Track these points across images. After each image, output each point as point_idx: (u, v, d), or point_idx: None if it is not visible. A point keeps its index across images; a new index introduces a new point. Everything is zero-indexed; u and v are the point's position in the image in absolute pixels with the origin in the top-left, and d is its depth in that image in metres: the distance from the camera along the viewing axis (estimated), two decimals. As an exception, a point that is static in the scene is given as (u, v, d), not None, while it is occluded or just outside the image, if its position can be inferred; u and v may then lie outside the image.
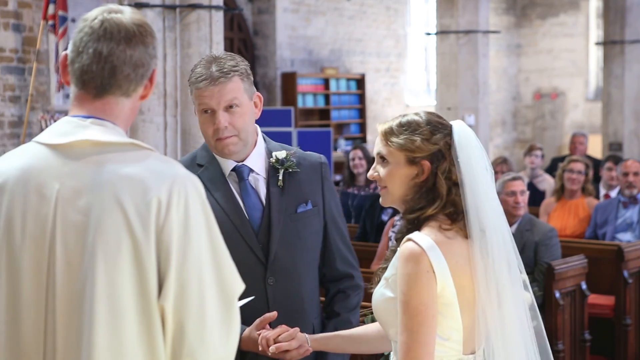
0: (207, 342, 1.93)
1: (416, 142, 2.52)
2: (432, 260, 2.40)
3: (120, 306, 1.91)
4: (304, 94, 13.72)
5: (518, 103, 18.43)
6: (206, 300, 1.94)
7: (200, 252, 1.95)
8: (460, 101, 10.50)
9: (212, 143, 3.00)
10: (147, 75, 2.07)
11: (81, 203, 1.95)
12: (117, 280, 1.91)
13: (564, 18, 17.89)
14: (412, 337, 2.39)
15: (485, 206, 2.50)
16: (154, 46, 2.08)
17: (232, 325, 1.98)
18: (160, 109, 6.09)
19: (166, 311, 1.92)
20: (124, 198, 1.93)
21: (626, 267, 6.40)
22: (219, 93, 2.94)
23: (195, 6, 6.06)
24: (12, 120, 9.30)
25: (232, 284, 2.00)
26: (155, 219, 1.92)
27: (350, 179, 8.49)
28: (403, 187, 2.55)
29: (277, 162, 3.07)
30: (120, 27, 2.02)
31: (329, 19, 14.45)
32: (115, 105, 2.04)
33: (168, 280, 1.91)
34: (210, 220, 2.00)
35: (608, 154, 11.50)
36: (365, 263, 6.40)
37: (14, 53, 9.18)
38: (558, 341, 5.71)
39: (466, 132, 2.55)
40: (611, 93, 12.66)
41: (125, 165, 1.96)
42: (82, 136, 1.99)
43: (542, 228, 6.11)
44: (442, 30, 10.65)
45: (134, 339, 1.91)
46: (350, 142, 14.07)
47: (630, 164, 7.70)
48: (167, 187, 1.94)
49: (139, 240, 1.91)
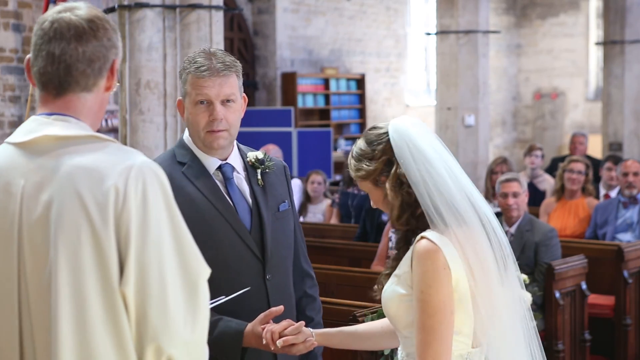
0: (171, 326, 1.94)
1: (364, 167, 2.58)
2: (447, 255, 2.44)
3: (84, 295, 1.93)
4: (304, 94, 13.72)
5: (518, 103, 18.43)
6: (167, 285, 1.95)
7: (161, 237, 1.96)
8: (460, 101, 10.50)
9: (202, 135, 2.98)
10: (106, 68, 2.10)
11: (43, 197, 1.99)
12: (79, 270, 1.94)
13: (564, 18, 17.90)
14: (432, 335, 2.42)
15: (454, 194, 2.49)
16: (110, 37, 2.09)
17: (199, 309, 1.99)
18: (160, 109, 6.09)
19: (127, 297, 1.94)
20: (82, 188, 1.96)
21: (626, 267, 6.40)
22: (219, 85, 2.95)
23: (195, 6, 6.06)
24: (12, 120, 9.30)
25: (195, 268, 2.00)
26: (113, 206, 1.94)
27: (350, 179, 8.50)
28: (386, 206, 2.60)
29: (256, 162, 3.09)
30: (69, 25, 2.06)
31: (329, 19, 14.45)
32: (77, 101, 2.08)
33: (128, 266, 1.94)
34: (171, 207, 2.01)
35: (608, 154, 11.50)
36: (365, 263, 6.40)
37: (14, 53, 9.18)
38: (558, 341, 5.72)
39: (401, 130, 2.54)
40: (611, 93, 12.66)
41: (83, 157, 2.00)
42: (45, 132, 2.04)
43: (542, 228, 6.11)
44: (442, 30, 10.65)
45: (99, 327, 1.94)
46: (350, 142, 14.07)
47: (630, 164, 7.70)
48: (124, 175, 1.96)
49: (97, 228, 1.94)
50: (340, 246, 6.93)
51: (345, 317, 4.14)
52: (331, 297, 4.98)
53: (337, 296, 5.16)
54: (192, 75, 2.97)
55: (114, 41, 2.11)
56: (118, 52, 2.13)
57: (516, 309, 2.58)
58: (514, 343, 2.56)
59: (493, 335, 2.52)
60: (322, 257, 6.56)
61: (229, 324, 2.90)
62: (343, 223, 8.30)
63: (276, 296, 3.02)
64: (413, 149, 2.51)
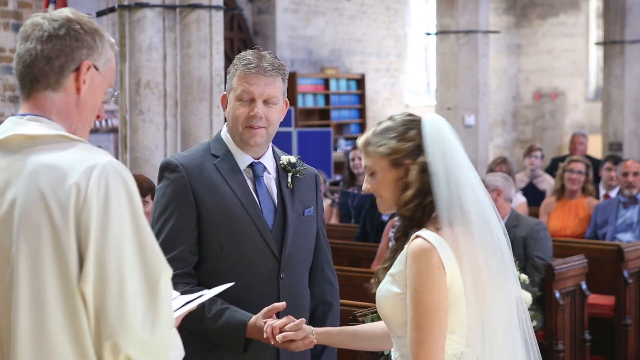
0: (128, 324, 1.94)
1: (392, 144, 2.57)
2: (441, 255, 2.44)
3: (43, 293, 1.95)
4: (304, 94, 13.72)
5: (518, 103, 18.43)
6: (126, 283, 1.95)
7: (122, 236, 1.96)
8: (460, 101, 10.50)
9: (240, 129, 3.06)
10: (69, 67, 2.10)
11: (9, 195, 2.02)
12: (39, 267, 1.95)
13: (564, 18, 17.89)
14: (424, 334, 2.42)
15: (467, 194, 2.52)
16: (79, 38, 2.10)
17: (159, 310, 1.98)
18: (160, 109, 6.09)
19: (86, 294, 1.94)
20: (44, 186, 1.97)
21: (626, 267, 6.40)
22: (264, 85, 3.06)
23: (195, 6, 6.06)
24: (12, 120, 9.30)
25: (156, 268, 2.00)
26: (74, 204, 1.95)
27: (350, 179, 8.50)
28: (395, 190, 2.60)
29: (288, 165, 3.15)
30: (36, 27, 2.12)
31: (329, 19, 14.45)
32: (44, 101, 2.11)
33: (86, 263, 1.94)
34: (134, 207, 2.01)
35: (608, 154, 11.50)
36: (365, 263, 6.41)
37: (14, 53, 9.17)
38: (558, 341, 5.72)
39: (436, 123, 2.59)
40: (611, 93, 12.66)
41: (48, 155, 2.02)
42: (15, 131, 2.07)
43: (528, 223, 6.08)
44: (442, 30, 10.64)
45: (58, 324, 1.95)
46: (350, 142, 14.06)
47: (629, 164, 7.69)
48: (87, 174, 1.97)
49: (58, 226, 1.95)
50: (340, 246, 6.93)
51: (345, 317, 4.14)
52: (331, 297, 4.98)
53: (337, 296, 5.16)
54: (240, 71, 3.06)
55: (85, 42, 2.11)
56: (93, 54, 2.12)
57: (513, 310, 2.58)
58: (511, 344, 2.56)
59: (488, 336, 2.52)
60: (322, 257, 6.55)
61: (235, 314, 2.94)
62: (343, 223, 8.30)
63: (287, 296, 3.04)
64: (445, 143, 2.55)
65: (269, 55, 3.13)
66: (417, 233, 2.49)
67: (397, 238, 2.60)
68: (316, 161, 11.48)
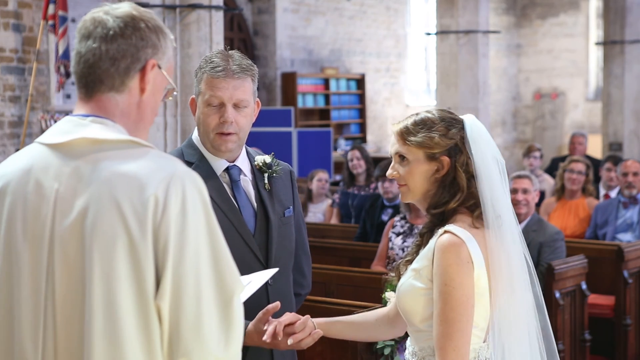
0: (203, 341, 1.89)
1: (434, 138, 2.60)
2: (470, 250, 2.49)
3: (117, 307, 1.87)
4: (304, 94, 13.72)
5: (518, 103, 18.43)
6: (203, 300, 1.89)
7: (199, 250, 1.90)
8: (460, 101, 10.50)
9: (211, 136, 2.96)
10: (135, 68, 2.01)
11: (78, 203, 1.92)
12: (114, 280, 1.87)
13: (564, 18, 17.89)
14: (453, 327, 2.46)
15: (500, 197, 2.59)
16: (144, 37, 2.01)
17: (232, 326, 1.94)
18: (160, 109, 6.09)
19: (162, 310, 1.88)
20: (120, 196, 1.89)
21: (626, 267, 6.40)
22: (233, 88, 2.93)
23: (195, 6, 6.06)
24: (12, 121, 9.30)
25: (230, 284, 1.95)
26: (152, 217, 1.88)
27: (350, 179, 8.50)
28: (425, 183, 2.63)
29: (264, 165, 3.08)
30: (98, 24, 2.00)
31: (329, 19, 14.45)
32: (107, 103, 2.01)
33: (164, 279, 1.88)
34: (210, 218, 1.95)
35: (608, 154, 11.50)
36: (365, 263, 6.40)
37: (14, 53, 9.18)
38: (558, 341, 5.71)
39: (477, 125, 2.64)
40: (611, 93, 12.66)
41: (122, 163, 1.92)
42: (81, 134, 1.97)
43: (549, 230, 6.08)
44: (442, 30, 10.65)
45: (131, 340, 1.88)
46: (350, 142, 14.07)
47: (629, 164, 7.69)
48: (164, 185, 1.89)
49: (135, 239, 1.87)
50: (340, 246, 6.92)
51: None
52: (331, 297, 4.98)
53: (337, 296, 5.16)
54: (207, 74, 2.94)
55: (150, 41, 2.02)
56: (158, 53, 2.04)
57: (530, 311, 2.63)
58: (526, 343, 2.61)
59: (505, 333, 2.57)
60: (322, 257, 6.56)
61: None
62: (343, 223, 8.30)
63: (276, 301, 2.97)
64: (485, 146, 2.61)
65: (237, 55, 3.00)
66: (445, 228, 2.53)
67: (423, 234, 2.64)
68: (316, 161, 11.48)
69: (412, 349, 2.63)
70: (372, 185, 8.24)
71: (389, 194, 6.95)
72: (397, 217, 6.17)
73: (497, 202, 2.57)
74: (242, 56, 3.03)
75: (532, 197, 6.18)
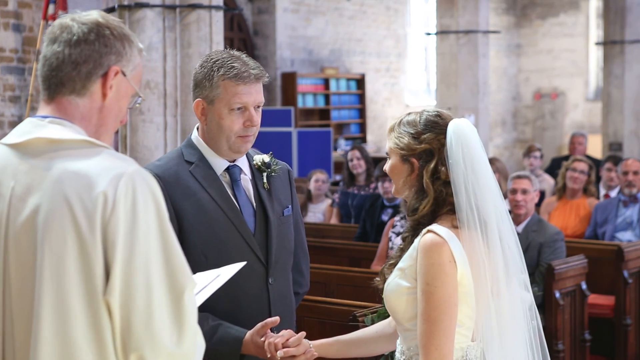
0: (155, 336, 1.92)
1: (404, 140, 2.62)
2: (453, 249, 2.48)
3: (67, 302, 1.91)
4: (304, 94, 13.72)
5: (518, 103, 18.43)
6: (153, 295, 1.92)
7: (149, 247, 1.93)
8: (460, 101, 10.50)
9: (232, 139, 2.96)
10: (97, 73, 2.06)
11: (32, 200, 1.97)
12: (63, 276, 1.91)
13: (564, 18, 17.89)
14: (435, 326, 2.46)
15: (486, 204, 2.56)
16: (108, 44, 2.06)
17: (185, 322, 1.96)
18: (160, 109, 6.09)
19: (112, 306, 1.92)
20: (71, 194, 1.93)
21: (626, 267, 6.39)
22: (256, 92, 2.96)
23: (195, 6, 6.06)
24: (12, 121, 9.30)
25: (181, 280, 1.97)
26: (101, 214, 1.91)
27: (350, 179, 8.50)
28: (401, 182, 2.65)
29: (263, 165, 3.08)
30: (65, 29, 2.06)
31: (329, 19, 14.45)
32: (68, 105, 2.06)
33: (113, 275, 1.91)
34: (161, 217, 1.98)
35: (608, 154, 11.50)
36: (365, 263, 6.40)
37: (14, 53, 9.18)
38: (558, 341, 5.71)
39: (463, 131, 2.60)
40: (611, 93, 12.66)
41: (74, 162, 1.97)
42: (38, 134, 2.02)
43: (549, 230, 6.08)
44: (442, 30, 10.65)
45: (81, 336, 1.92)
46: (350, 142, 14.07)
47: (630, 163, 7.70)
48: (114, 183, 1.93)
49: (84, 235, 1.91)
50: (340, 246, 6.93)
51: (345, 317, 4.13)
52: (331, 297, 4.98)
53: (337, 296, 5.16)
54: (229, 80, 2.92)
55: (114, 48, 2.07)
56: (122, 60, 2.08)
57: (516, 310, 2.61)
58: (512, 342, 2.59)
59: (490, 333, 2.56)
60: (322, 257, 6.56)
61: (229, 330, 2.89)
62: (343, 223, 8.30)
63: (277, 301, 3.01)
64: (466, 151, 2.57)
65: (246, 58, 3.00)
66: (428, 228, 2.53)
67: (405, 238, 2.64)
68: (316, 161, 11.48)
69: (401, 348, 2.64)
70: (372, 185, 8.24)
71: (389, 194, 6.95)
72: (397, 217, 6.17)
73: (483, 208, 2.55)
74: (249, 57, 3.04)
75: (531, 197, 6.18)
